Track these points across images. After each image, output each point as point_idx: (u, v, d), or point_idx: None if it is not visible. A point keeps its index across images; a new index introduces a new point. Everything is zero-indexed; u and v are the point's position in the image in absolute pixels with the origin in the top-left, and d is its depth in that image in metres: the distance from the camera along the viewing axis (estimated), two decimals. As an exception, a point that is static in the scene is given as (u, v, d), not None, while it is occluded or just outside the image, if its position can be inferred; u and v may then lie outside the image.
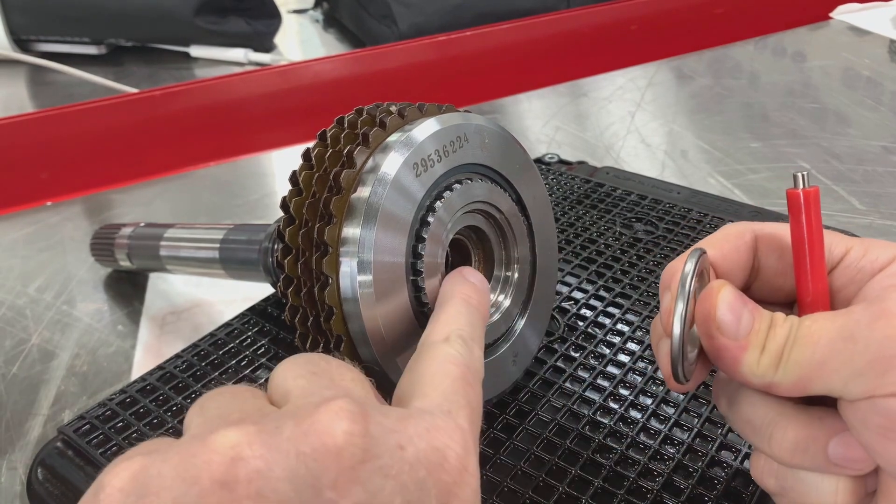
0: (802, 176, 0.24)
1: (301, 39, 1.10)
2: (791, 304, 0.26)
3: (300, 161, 0.28)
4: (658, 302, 0.40)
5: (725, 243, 0.25)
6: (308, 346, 0.27)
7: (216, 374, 0.36)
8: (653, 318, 0.38)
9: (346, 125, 0.28)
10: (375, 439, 0.18)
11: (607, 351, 0.36)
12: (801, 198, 0.23)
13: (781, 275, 0.26)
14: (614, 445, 0.31)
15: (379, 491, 0.17)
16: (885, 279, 0.23)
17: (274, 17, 1.01)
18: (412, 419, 0.19)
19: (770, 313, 0.23)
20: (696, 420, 0.32)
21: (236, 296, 0.50)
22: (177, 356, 0.38)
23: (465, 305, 0.25)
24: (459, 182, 0.28)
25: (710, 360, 0.24)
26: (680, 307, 0.22)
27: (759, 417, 0.24)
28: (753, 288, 0.26)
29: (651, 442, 0.31)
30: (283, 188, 0.27)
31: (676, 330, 0.22)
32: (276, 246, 0.35)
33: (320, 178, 0.26)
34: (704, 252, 0.24)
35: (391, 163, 0.26)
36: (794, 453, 0.23)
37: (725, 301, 0.23)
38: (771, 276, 0.26)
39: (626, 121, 0.76)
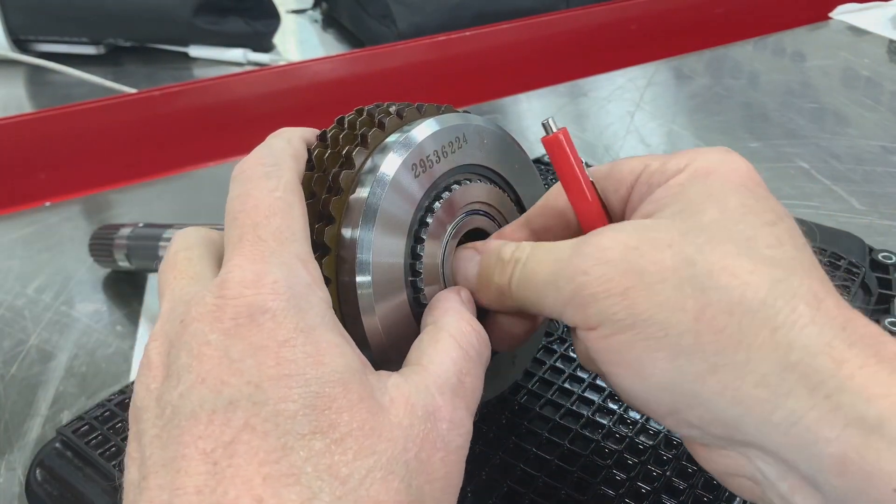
0: (551, 122, 0.26)
1: (300, 39, 1.10)
2: None
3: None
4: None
5: (543, 206, 0.28)
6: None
7: (215, 374, 0.36)
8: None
9: (345, 125, 0.28)
10: (166, 323, 0.21)
11: (607, 351, 0.36)
12: (546, 145, 0.26)
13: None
14: (614, 445, 0.31)
15: (170, 359, 0.20)
16: (648, 204, 0.24)
17: (273, 17, 1.01)
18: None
19: (503, 245, 0.26)
20: (696, 421, 0.32)
21: (235, 296, 0.50)
22: (176, 357, 0.38)
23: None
24: (458, 183, 0.28)
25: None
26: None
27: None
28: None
29: (650, 442, 0.31)
30: (282, 189, 0.27)
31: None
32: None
33: (319, 179, 0.26)
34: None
35: (390, 163, 0.26)
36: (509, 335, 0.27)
37: (457, 260, 0.27)
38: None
39: (626, 121, 0.76)
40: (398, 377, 0.21)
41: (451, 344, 0.23)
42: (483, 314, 0.27)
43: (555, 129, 0.26)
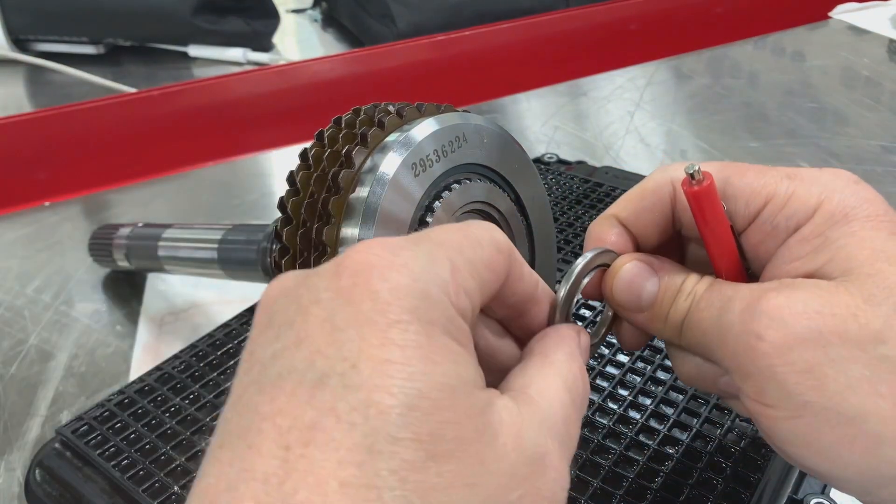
0: (696, 169, 0.23)
1: (300, 39, 1.10)
2: None
3: (297, 161, 0.28)
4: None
5: (640, 202, 0.25)
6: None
7: (214, 374, 0.36)
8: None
9: (343, 125, 0.28)
10: (287, 277, 0.19)
11: (606, 351, 0.36)
12: (692, 198, 0.23)
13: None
14: (613, 446, 0.31)
15: (277, 308, 0.18)
16: (788, 262, 0.22)
17: (272, 17, 1.01)
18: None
19: (682, 278, 0.24)
20: (696, 420, 0.32)
21: (235, 296, 0.50)
22: (175, 357, 0.38)
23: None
24: (458, 182, 0.28)
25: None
26: (561, 303, 0.24)
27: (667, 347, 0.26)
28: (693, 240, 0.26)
29: (650, 442, 0.31)
30: (282, 188, 0.27)
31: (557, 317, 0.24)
32: (274, 246, 0.35)
33: (318, 178, 0.26)
34: (604, 251, 0.25)
35: (390, 163, 0.26)
36: (689, 378, 0.25)
37: (622, 280, 0.24)
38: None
39: (625, 120, 0.76)
40: (510, 401, 0.18)
41: (560, 385, 0.20)
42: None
43: (699, 178, 0.23)
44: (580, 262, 0.24)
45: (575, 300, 0.24)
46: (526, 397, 0.19)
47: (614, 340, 0.37)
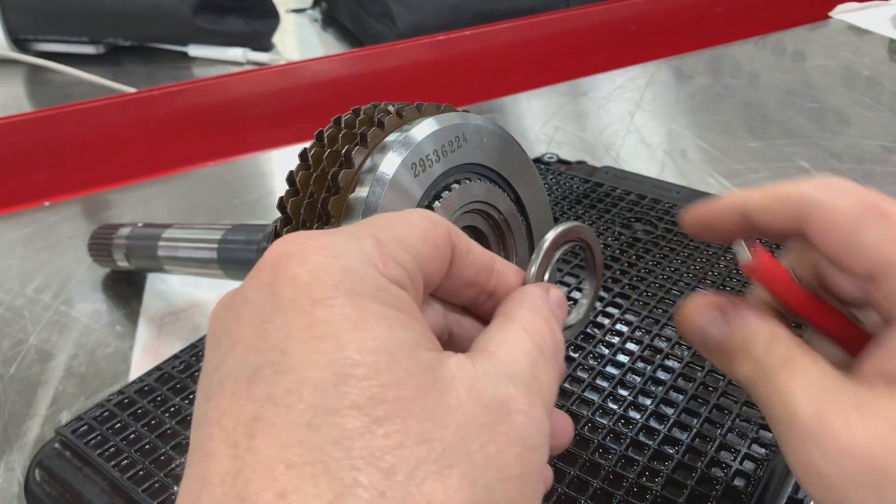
0: (745, 246, 0.21)
1: (299, 39, 1.10)
2: None
3: (297, 161, 0.28)
4: (657, 304, 0.40)
5: (768, 210, 0.22)
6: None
7: (214, 374, 0.36)
8: (652, 318, 0.38)
9: (343, 125, 0.28)
10: (229, 294, 0.18)
11: (606, 351, 0.36)
12: (752, 276, 0.21)
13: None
14: (613, 446, 0.31)
15: (221, 322, 0.18)
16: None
17: (272, 17, 1.01)
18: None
19: (748, 333, 0.21)
20: (696, 420, 0.32)
21: (235, 296, 0.50)
22: (175, 357, 0.38)
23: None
24: (458, 182, 0.28)
25: None
26: (532, 278, 0.23)
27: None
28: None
29: (650, 442, 0.31)
30: (282, 188, 0.27)
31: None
32: (274, 246, 0.35)
33: (318, 179, 0.26)
34: (575, 226, 0.24)
35: (389, 163, 0.25)
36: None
37: (688, 318, 0.23)
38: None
39: (626, 120, 0.76)
40: (463, 357, 0.18)
41: (523, 336, 0.19)
42: None
43: (750, 254, 0.21)
44: (549, 236, 0.24)
45: (547, 276, 0.24)
46: (485, 353, 0.18)
47: (615, 340, 0.37)
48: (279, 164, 0.73)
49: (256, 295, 0.17)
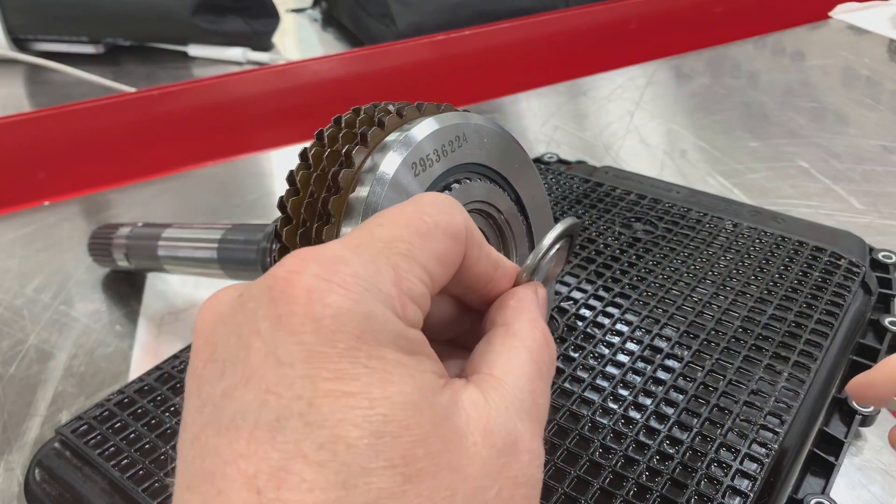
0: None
1: (299, 38, 1.10)
2: None
3: (297, 161, 0.28)
4: (657, 304, 0.40)
5: None
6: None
7: (214, 374, 0.36)
8: (652, 317, 0.38)
9: (343, 125, 0.28)
10: (221, 300, 0.18)
11: (606, 351, 0.36)
12: None
13: None
14: (614, 446, 0.31)
15: (219, 339, 0.17)
16: None
17: (272, 17, 1.01)
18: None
19: None
20: (697, 420, 0.32)
21: (234, 296, 0.50)
22: (175, 356, 0.38)
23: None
24: (458, 182, 0.28)
25: None
26: (526, 276, 0.23)
27: None
28: None
29: (651, 442, 0.31)
30: (282, 188, 0.27)
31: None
32: (273, 246, 0.35)
33: (318, 178, 0.26)
34: (575, 223, 0.24)
35: (389, 162, 0.25)
36: None
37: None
38: None
39: (625, 120, 0.76)
40: (475, 391, 0.18)
41: (526, 357, 0.20)
42: None
43: None
44: (551, 236, 0.24)
45: (542, 271, 0.24)
46: (493, 380, 0.18)
47: (615, 340, 0.37)
48: (279, 164, 0.73)
49: (270, 329, 0.16)
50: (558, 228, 0.24)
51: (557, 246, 0.24)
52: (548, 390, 0.20)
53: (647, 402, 0.33)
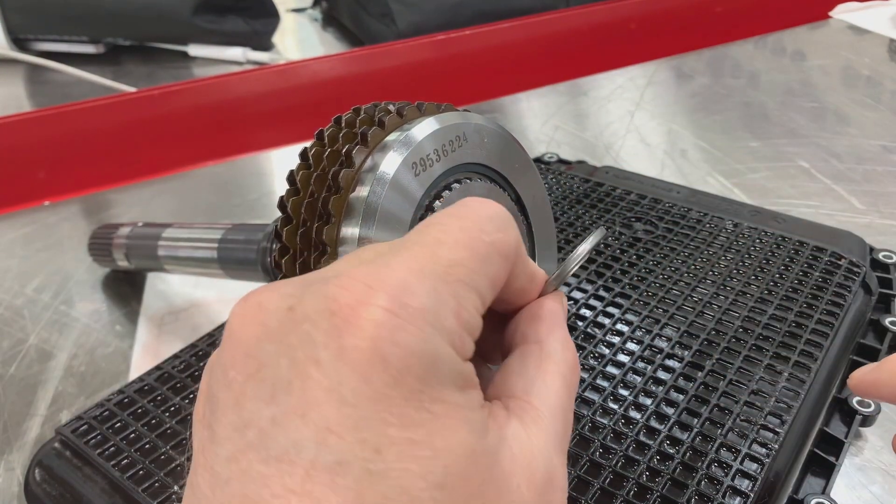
0: None
1: (299, 38, 1.10)
2: None
3: (297, 160, 0.28)
4: (658, 304, 0.40)
5: None
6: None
7: (214, 374, 0.36)
8: (652, 317, 0.38)
9: (343, 124, 0.28)
10: (266, 309, 0.16)
11: (607, 351, 0.36)
12: None
13: None
14: (614, 446, 0.31)
15: (266, 357, 0.16)
16: None
17: (272, 16, 1.01)
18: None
19: None
20: (697, 420, 0.32)
21: (234, 296, 0.50)
22: (175, 356, 0.38)
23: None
24: (458, 181, 0.28)
25: None
26: (553, 286, 0.23)
27: None
28: None
29: (651, 442, 0.31)
30: (282, 187, 0.27)
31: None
32: (274, 246, 0.35)
33: (318, 178, 0.26)
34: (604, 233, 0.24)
35: (390, 162, 0.25)
36: None
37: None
38: None
39: (626, 120, 0.76)
40: (517, 426, 0.18)
41: (560, 383, 0.20)
42: None
43: None
44: (585, 248, 0.23)
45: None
46: (531, 411, 0.18)
47: (615, 340, 0.37)
48: (279, 163, 0.73)
49: (332, 361, 0.15)
50: (591, 241, 0.23)
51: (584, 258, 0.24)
52: (572, 410, 0.20)
53: (648, 402, 0.33)
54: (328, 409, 0.15)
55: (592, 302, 0.40)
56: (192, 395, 0.35)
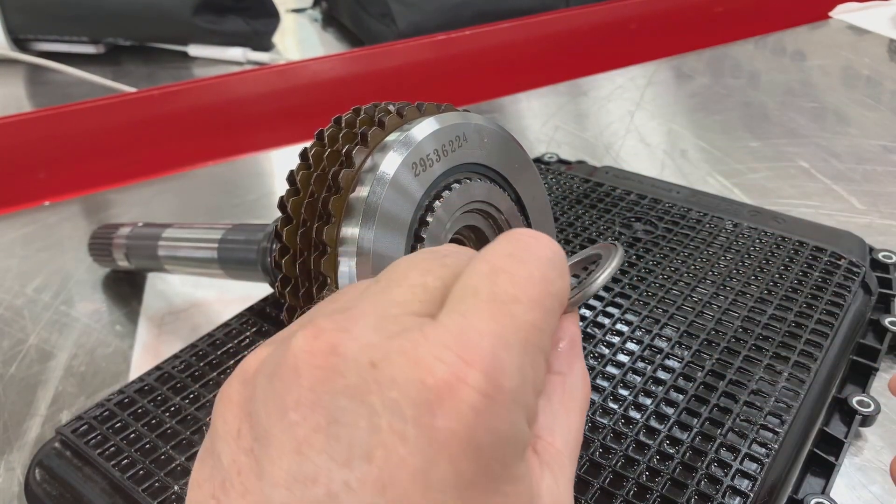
0: None
1: (300, 38, 1.10)
2: None
3: (297, 161, 0.28)
4: (657, 304, 0.40)
5: None
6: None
7: (214, 374, 0.36)
8: (652, 317, 0.38)
9: (343, 124, 0.28)
10: (344, 357, 0.15)
11: (607, 351, 0.36)
12: None
13: None
14: (614, 446, 0.31)
15: (341, 412, 0.15)
16: None
17: (272, 17, 1.01)
18: (398, 338, 0.15)
19: None
20: (697, 420, 0.32)
21: (234, 296, 0.50)
22: (175, 356, 0.38)
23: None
24: (458, 182, 0.28)
25: None
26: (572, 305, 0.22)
27: None
28: None
29: (651, 442, 0.31)
30: (282, 188, 0.27)
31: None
32: (274, 246, 0.35)
33: (318, 178, 0.26)
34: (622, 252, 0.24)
35: (390, 162, 0.26)
36: None
37: None
38: None
39: (626, 120, 0.76)
40: (550, 478, 0.17)
41: (579, 421, 0.19)
42: None
43: None
44: (607, 274, 0.22)
45: None
46: (558, 457, 0.18)
47: (615, 340, 0.37)
48: (279, 164, 0.73)
49: (420, 441, 0.14)
50: (614, 266, 0.23)
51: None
52: None
53: (648, 402, 0.33)
54: (412, 491, 0.14)
55: (592, 302, 0.40)
56: (192, 395, 0.35)
